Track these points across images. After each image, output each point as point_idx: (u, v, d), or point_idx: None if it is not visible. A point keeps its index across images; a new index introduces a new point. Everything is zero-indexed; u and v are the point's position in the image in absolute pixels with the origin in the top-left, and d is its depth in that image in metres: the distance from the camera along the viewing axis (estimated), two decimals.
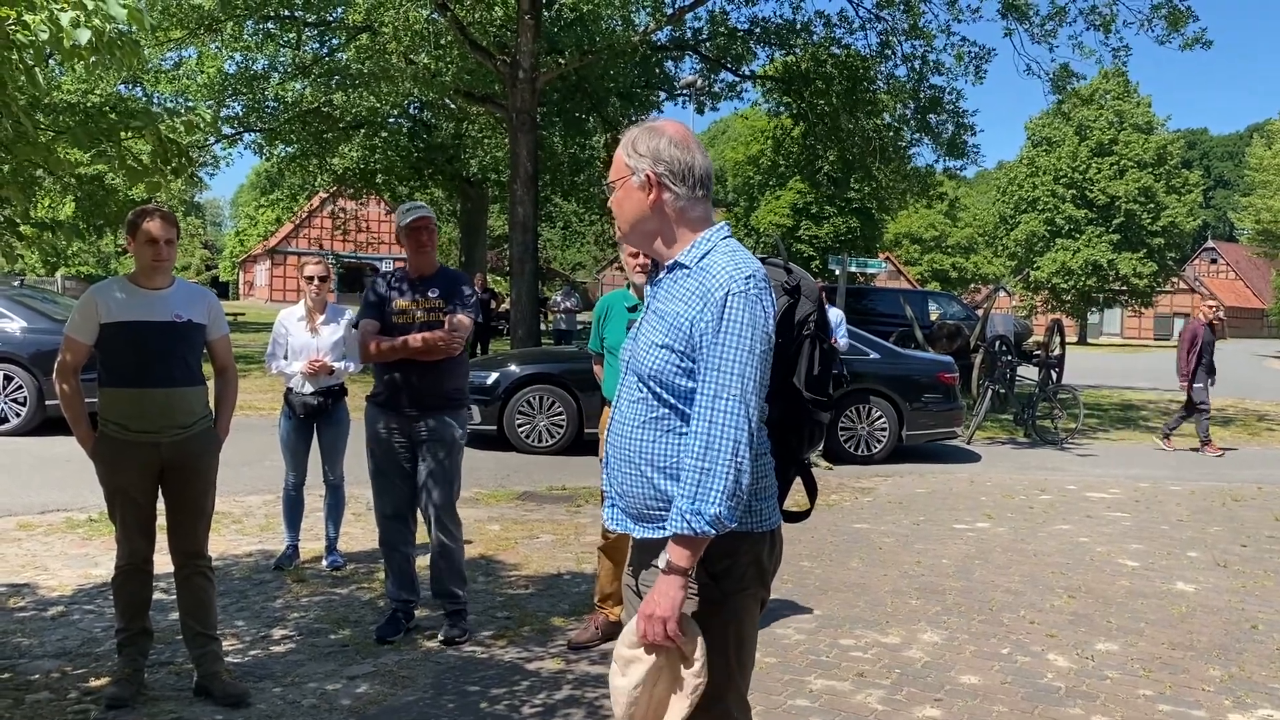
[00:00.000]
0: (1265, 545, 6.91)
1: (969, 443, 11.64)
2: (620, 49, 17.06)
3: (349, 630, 4.55)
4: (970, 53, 17.81)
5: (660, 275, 2.18)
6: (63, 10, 3.02)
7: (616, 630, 4.39)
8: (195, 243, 68.93)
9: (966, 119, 18.84)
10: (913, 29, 17.77)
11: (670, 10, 17.67)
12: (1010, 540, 6.80)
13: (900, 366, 10.53)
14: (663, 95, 22.43)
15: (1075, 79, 17.23)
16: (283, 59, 20.07)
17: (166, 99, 20.30)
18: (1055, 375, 12.71)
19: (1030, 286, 50.66)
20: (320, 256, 6.07)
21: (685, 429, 2.06)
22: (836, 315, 9.39)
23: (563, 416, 9.89)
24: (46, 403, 9.85)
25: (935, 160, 19.93)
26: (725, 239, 2.14)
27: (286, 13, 18.09)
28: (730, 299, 2.01)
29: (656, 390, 2.09)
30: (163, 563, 3.84)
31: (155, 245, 3.66)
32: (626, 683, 2.09)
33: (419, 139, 24.34)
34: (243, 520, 6.62)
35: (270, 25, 18.83)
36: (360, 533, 6.28)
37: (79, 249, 47.46)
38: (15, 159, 3.89)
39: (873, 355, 10.40)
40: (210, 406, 3.87)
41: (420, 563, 4.67)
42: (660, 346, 2.07)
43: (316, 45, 20.07)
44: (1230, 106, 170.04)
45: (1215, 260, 74.27)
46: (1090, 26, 16.08)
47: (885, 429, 10.18)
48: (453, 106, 21.60)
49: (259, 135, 22.03)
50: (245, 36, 18.64)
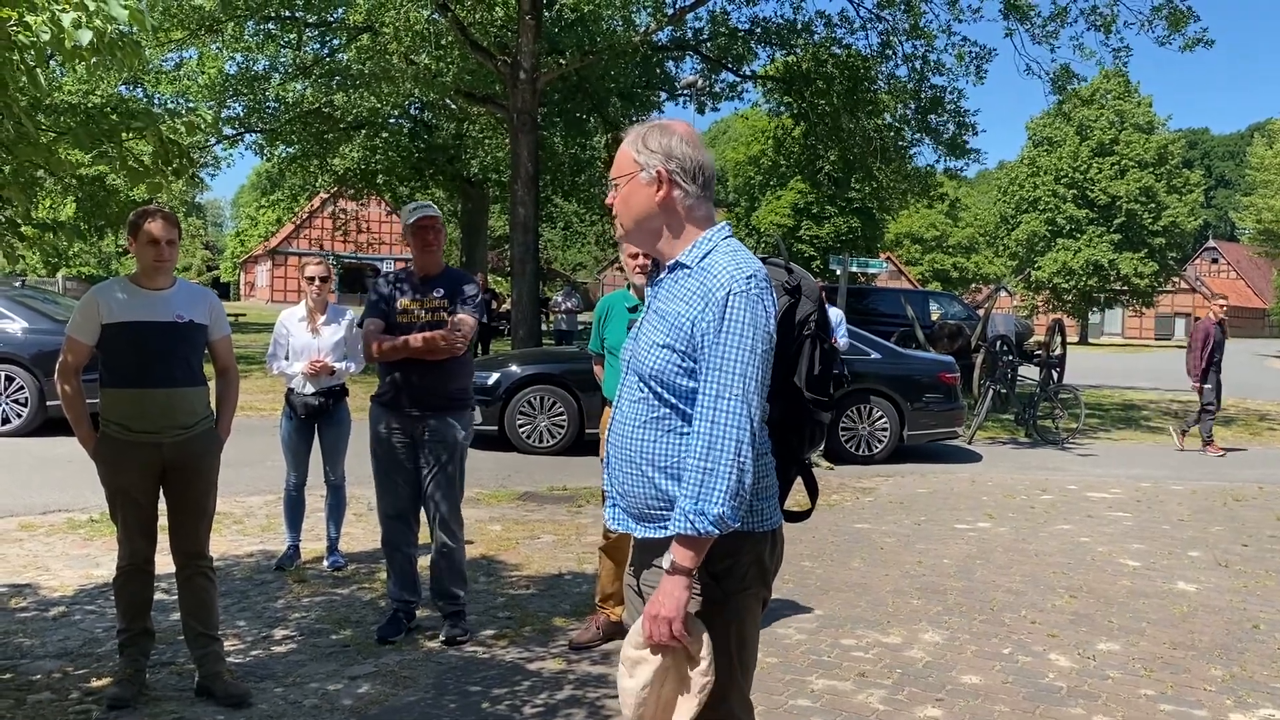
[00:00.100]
0: (1266, 545, 6.91)
1: (970, 443, 11.64)
2: (621, 49, 17.07)
3: (350, 630, 4.55)
4: (971, 53, 17.82)
5: (661, 275, 2.18)
6: (64, 11, 3.02)
7: (618, 630, 4.40)
8: (196, 243, 68.93)
9: (968, 118, 18.85)
10: (913, 29, 17.78)
11: (671, 10, 17.67)
12: (1011, 540, 6.80)
13: (901, 366, 10.53)
14: (664, 95, 22.45)
15: (1075, 80, 17.21)
16: (284, 60, 20.09)
17: (167, 100, 20.31)
18: (1056, 375, 12.70)
19: (1031, 286, 50.64)
20: (321, 257, 6.07)
21: (686, 429, 2.06)
22: (836, 315, 9.38)
23: (564, 417, 9.89)
24: (48, 403, 9.87)
25: (936, 160, 19.94)
26: (726, 239, 2.15)
27: (287, 13, 18.10)
28: (732, 299, 2.01)
29: (658, 390, 2.09)
30: (164, 563, 3.84)
31: (157, 246, 3.67)
32: (634, 684, 2.10)
33: (420, 139, 24.35)
34: (244, 521, 6.63)
35: (271, 26, 18.84)
36: (361, 533, 6.28)
37: (80, 250, 47.55)
38: (17, 160, 3.89)
39: (874, 355, 10.40)
40: (212, 407, 3.87)
41: (421, 563, 4.66)
42: (661, 346, 2.07)
43: (317, 46, 20.09)
44: (1231, 106, 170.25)
45: (1216, 260, 74.24)
46: (1091, 27, 16.09)
47: (886, 429, 10.18)
48: (454, 107, 21.62)
49: (260, 136, 22.06)
50: (246, 37, 18.66)
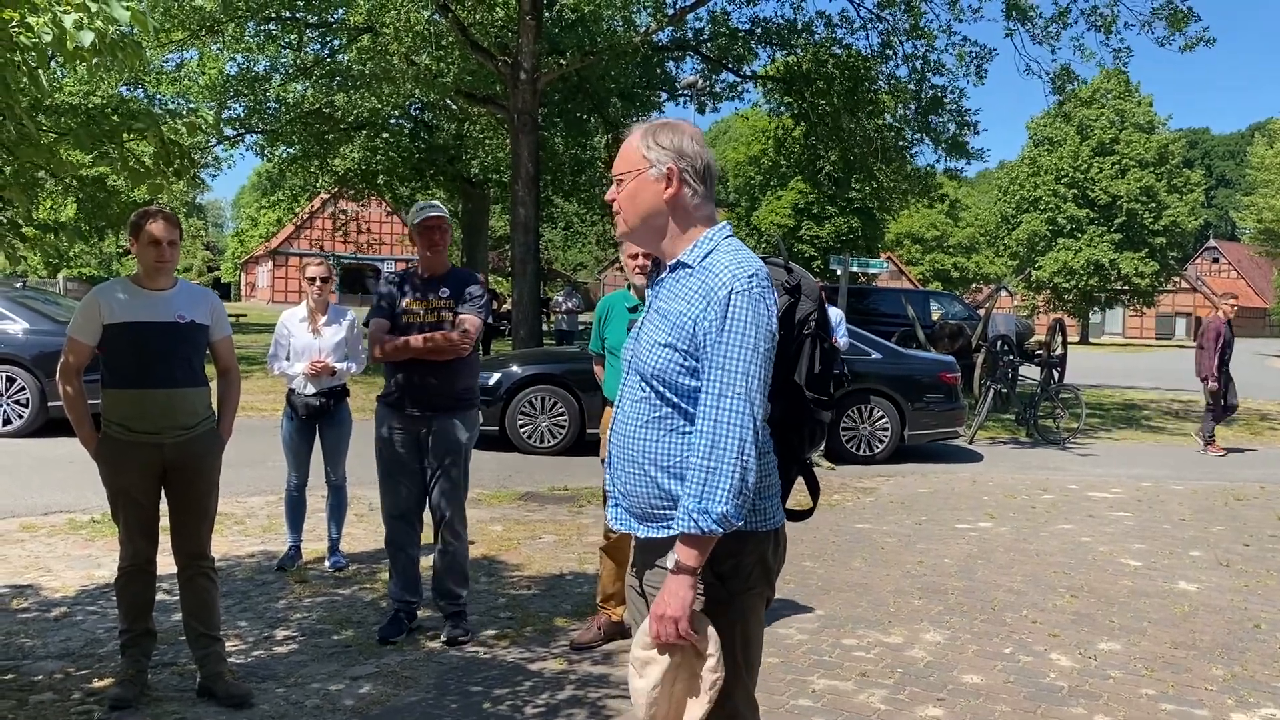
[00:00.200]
0: (1268, 544, 6.91)
1: (971, 443, 11.64)
2: (621, 49, 17.07)
3: (352, 631, 4.56)
4: (971, 53, 17.82)
5: (662, 275, 2.19)
6: (66, 12, 3.03)
7: (619, 631, 4.40)
8: (197, 244, 68.99)
9: (970, 118, 18.85)
10: (914, 29, 17.77)
11: (671, 11, 17.68)
12: (1012, 540, 6.80)
13: (902, 366, 10.53)
14: (664, 95, 22.45)
15: (1075, 81, 17.20)
16: (284, 60, 20.10)
17: (168, 100, 20.32)
18: (1057, 375, 12.70)
19: (1032, 286, 50.63)
20: (322, 258, 6.08)
21: (689, 428, 2.06)
22: (836, 315, 9.39)
23: (565, 417, 9.89)
24: (49, 404, 9.87)
25: (936, 160, 19.94)
26: (728, 238, 2.15)
27: (288, 14, 18.11)
28: (734, 297, 2.01)
29: (660, 390, 2.09)
30: (166, 564, 3.85)
31: (158, 247, 3.67)
32: (645, 684, 2.11)
33: (420, 140, 24.36)
34: (245, 521, 6.63)
35: (272, 26, 18.86)
36: (362, 533, 6.29)
37: (81, 250, 47.63)
38: (18, 160, 3.90)
39: (875, 355, 10.40)
40: (213, 407, 3.88)
41: (424, 563, 4.67)
42: (664, 346, 2.07)
43: (318, 46, 20.09)
44: (1232, 105, 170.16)
45: (1217, 259, 74.18)
46: (1091, 28, 16.08)
47: (887, 429, 10.18)
48: (454, 107, 21.62)
49: (260, 137, 22.09)
50: (247, 38, 18.68)
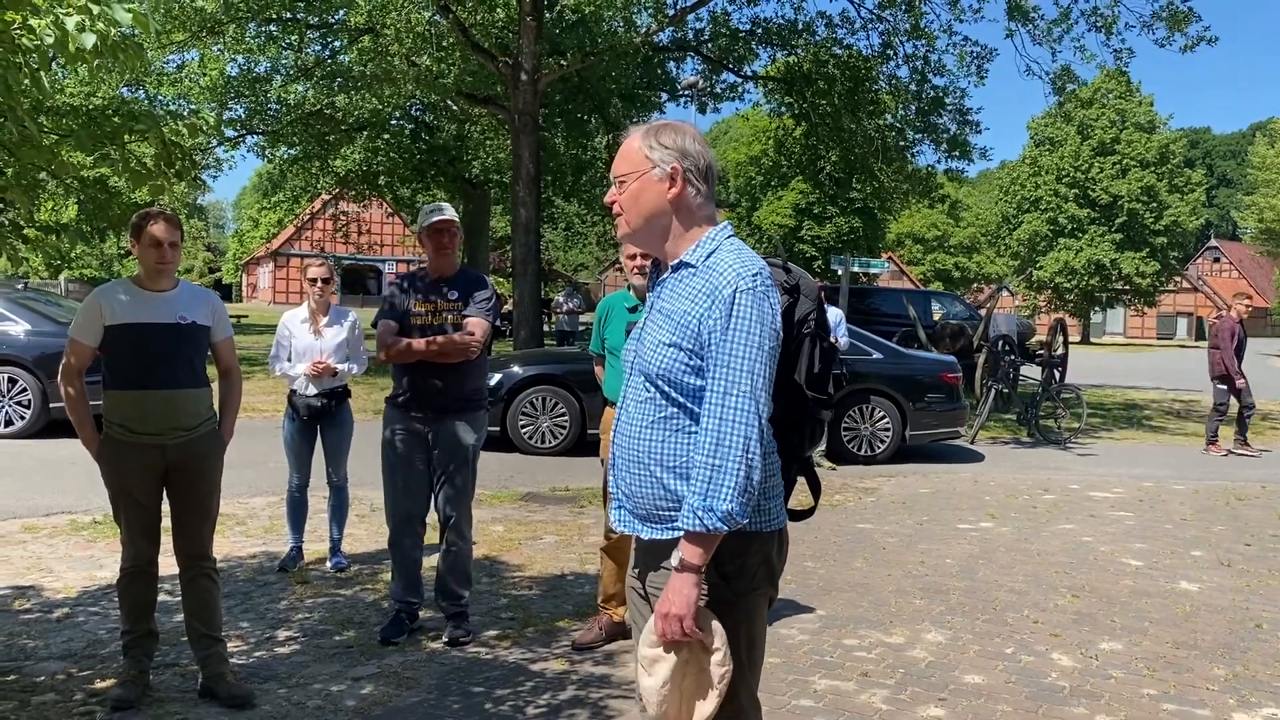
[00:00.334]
0: (1269, 544, 6.90)
1: (972, 443, 11.63)
2: (622, 50, 17.08)
3: (353, 631, 4.56)
4: (972, 53, 17.83)
5: (665, 275, 2.19)
6: (68, 15, 3.03)
7: (620, 631, 4.40)
8: (198, 245, 69.04)
9: (971, 117, 18.85)
10: (914, 29, 17.78)
11: (672, 11, 17.69)
12: (1014, 540, 6.79)
13: (903, 366, 10.52)
14: (665, 96, 22.47)
15: (1076, 82, 17.20)
16: (285, 61, 20.11)
17: (169, 102, 20.32)
18: (1058, 375, 12.70)
19: (1033, 286, 50.60)
20: (323, 259, 6.08)
21: (694, 428, 2.06)
22: (836, 314, 9.39)
23: (566, 417, 9.90)
24: (51, 405, 9.88)
25: (937, 160, 19.95)
26: (729, 238, 2.15)
27: (289, 15, 18.12)
28: (739, 296, 2.02)
29: (665, 389, 2.09)
30: (168, 564, 3.85)
31: (159, 248, 3.68)
32: (654, 682, 2.11)
33: (421, 141, 24.37)
34: (247, 522, 6.63)
35: (273, 28, 18.87)
36: (364, 534, 6.29)
37: (82, 252, 47.71)
38: (20, 162, 3.90)
39: (876, 355, 10.40)
40: (215, 408, 3.88)
41: (426, 563, 4.67)
42: (668, 345, 2.07)
43: (319, 48, 20.11)
44: (1233, 105, 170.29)
45: (1218, 259, 74.12)
46: (1092, 28, 16.08)
47: (889, 429, 10.18)
48: (455, 108, 21.65)
49: (261, 138, 22.09)
50: (247, 39, 18.69)
